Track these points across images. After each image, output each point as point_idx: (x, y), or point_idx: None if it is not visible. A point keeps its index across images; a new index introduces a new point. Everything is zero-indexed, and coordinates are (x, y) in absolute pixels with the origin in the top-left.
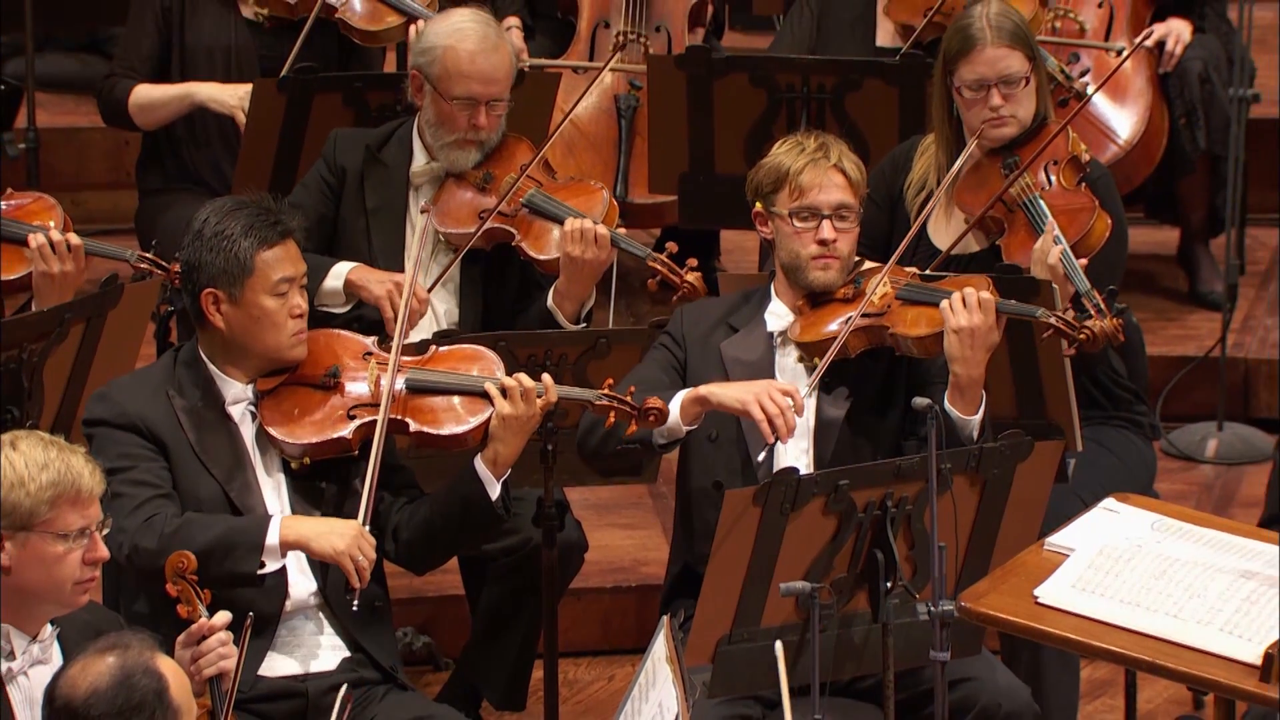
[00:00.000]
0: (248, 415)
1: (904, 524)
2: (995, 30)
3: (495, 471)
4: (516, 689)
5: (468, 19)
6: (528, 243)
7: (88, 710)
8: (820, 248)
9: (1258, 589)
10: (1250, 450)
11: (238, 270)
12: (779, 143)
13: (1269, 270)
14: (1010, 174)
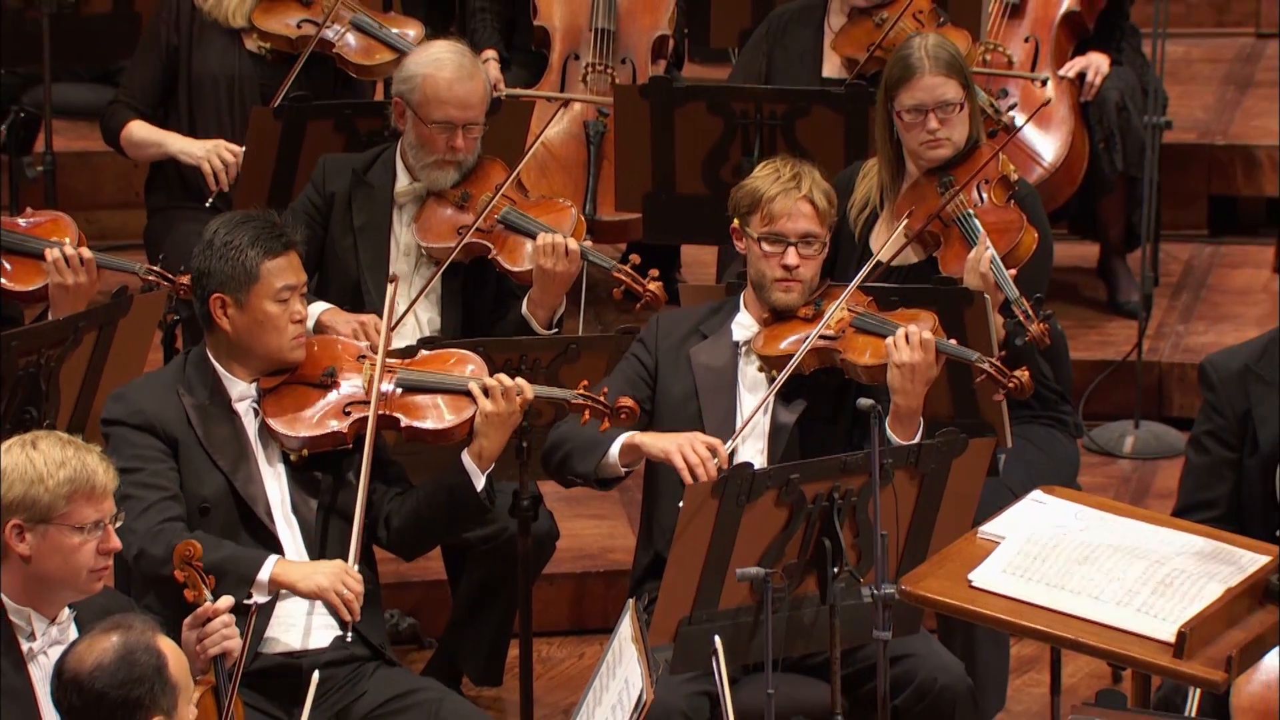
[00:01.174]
0: (251, 411)
1: (849, 514)
2: (933, 60)
3: (480, 465)
4: (494, 665)
5: (445, 50)
6: (503, 256)
7: (92, 682)
8: (784, 272)
9: (1171, 573)
10: (1164, 447)
11: (244, 278)
12: (761, 165)
13: (1180, 282)
14: (946, 192)
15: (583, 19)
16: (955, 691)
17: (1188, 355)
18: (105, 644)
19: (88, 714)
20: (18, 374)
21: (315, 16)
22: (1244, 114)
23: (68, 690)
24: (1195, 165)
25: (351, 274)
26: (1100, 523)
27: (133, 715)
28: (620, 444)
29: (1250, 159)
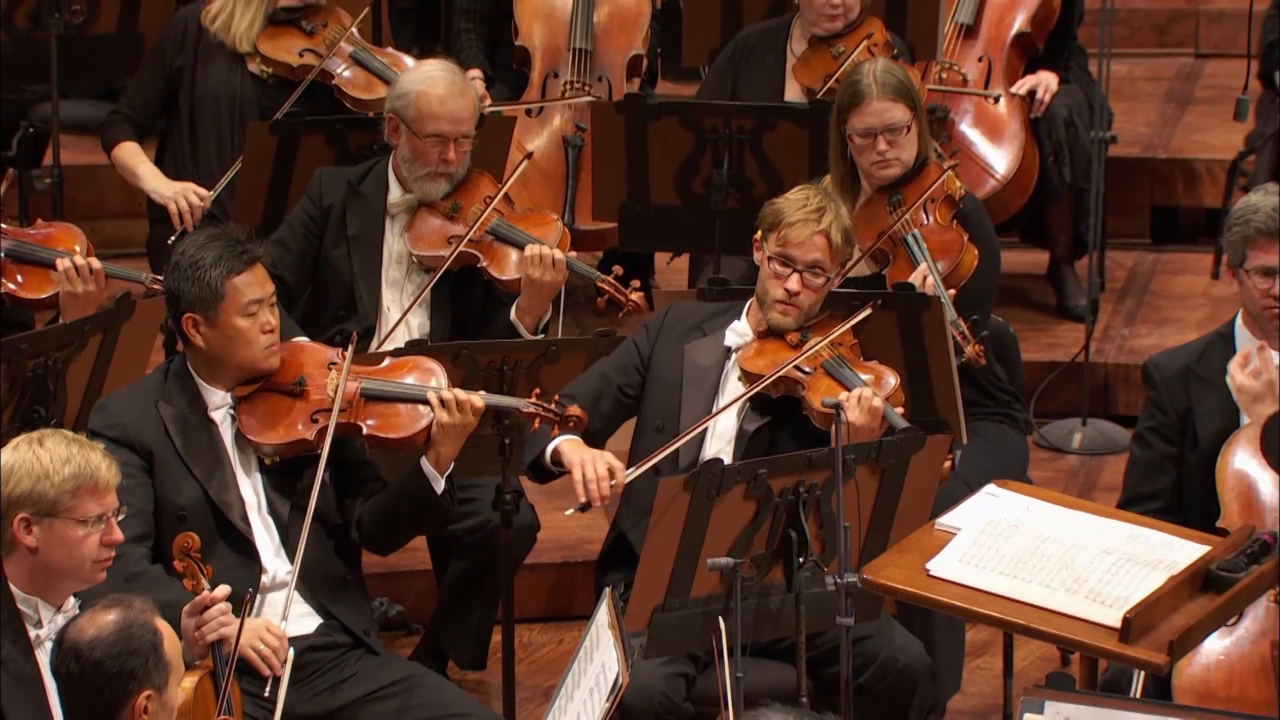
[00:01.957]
0: (228, 419)
1: (814, 507)
2: (880, 85)
3: (439, 469)
4: (478, 650)
5: (437, 69)
6: (491, 265)
7: (91, 651)
8: (785, 295)
9: (1117, 562)
10: (1110, 443)
11: (211, 297)
12: (797, 188)
13: (1125, 287)
14: (895, 210)
15: (561, 39)
16: (916, 670)
17: (1132, 356)
18: (106, 617)
19: (84, 681)
20: (27, 375)
21: (318, 47)
22: (1184, 129)
23: (66, 658)
24: (1139, 178)
25: (345, 281)
26: (1050, 515)
27: (125, 685)
28: (552, 447)
29: (1190, 172)
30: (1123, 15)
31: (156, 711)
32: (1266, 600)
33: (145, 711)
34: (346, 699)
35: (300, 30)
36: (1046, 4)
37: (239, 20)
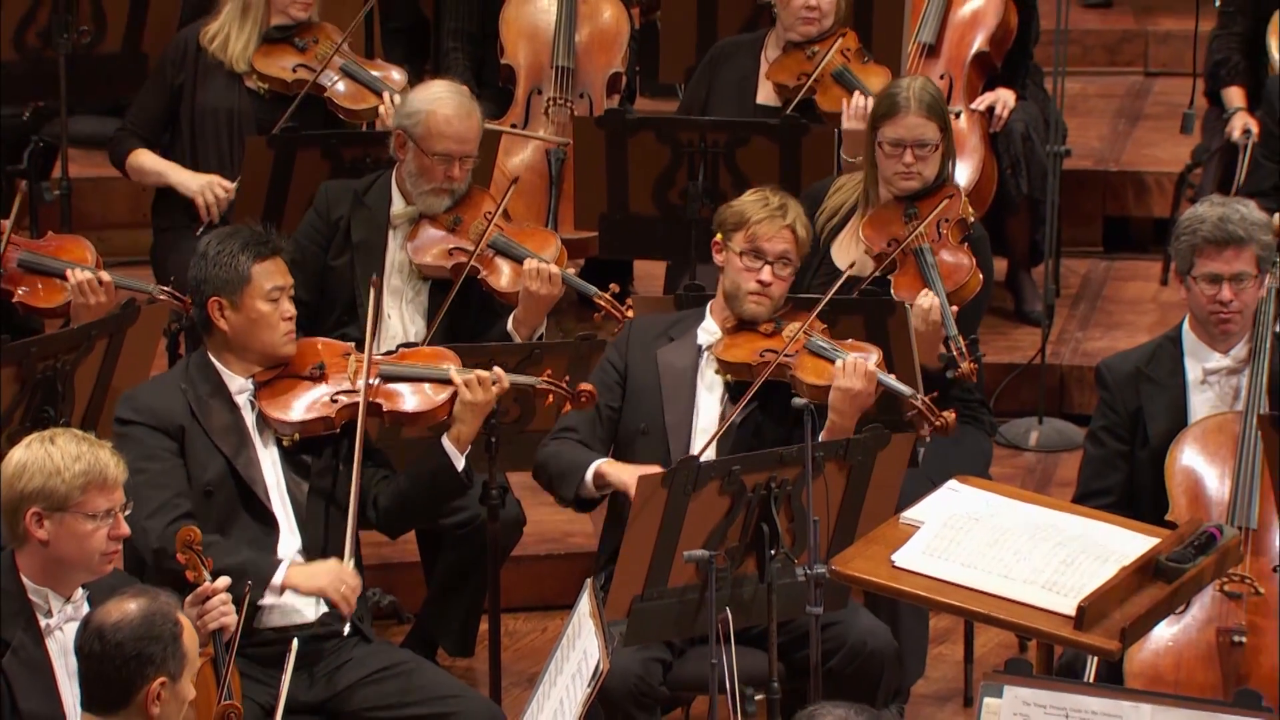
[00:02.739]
0: (249, 403)
1: (785, 502)
2: (918, 101)
3: (459, 447)
4: (466, 638)
5: (445, 90)
6: (490, 277)
7: (114, 633)
8: (759, 286)
9: (1072, 554)
10: (1065, 440)
11: (237, 280)
12: (750, 191)
13: (1079, 293)
14: (909, 221)
15: (545, 57)
16: (883, 654)
17: (1085, 359)
18: (132, 604)
19: (104, 660)
20: (37, 377)
21: (310, 62)
22: (1135, 143)
23: (90, 637)
24: (1092, 189)
25: (348, 289)
26: (1009, 509)
27: (143, 669)
28: (592, 471)
29: (1140, 184)
30: (1076, 36)
31: (169, 700)
32: (1212, 589)
33: (158, 698)
34: (342, 684)
35: (293, 47)
36: (1004, 25)
37: (235, 41)
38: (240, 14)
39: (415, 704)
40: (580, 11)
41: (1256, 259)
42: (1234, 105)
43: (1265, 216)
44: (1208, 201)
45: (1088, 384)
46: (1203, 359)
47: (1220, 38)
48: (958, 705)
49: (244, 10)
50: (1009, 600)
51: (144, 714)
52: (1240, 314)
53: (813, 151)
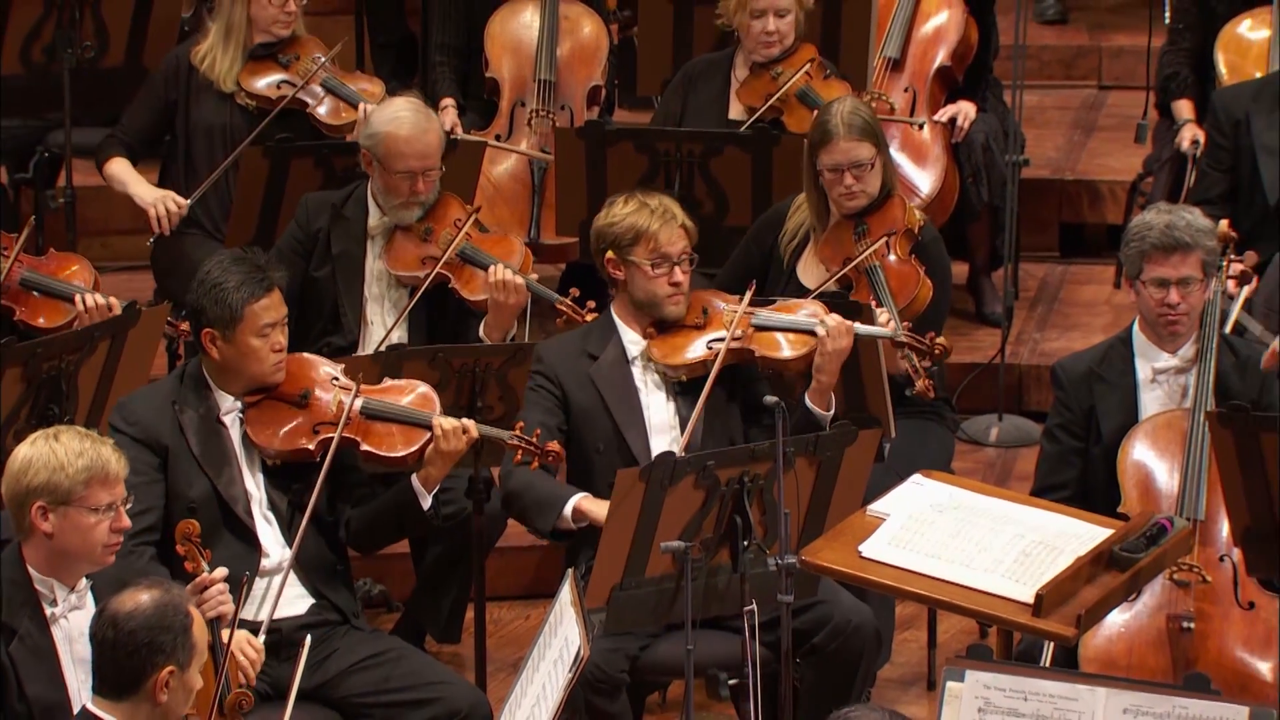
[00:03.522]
0: (237, 422)
1: (757, 495)
2: (847, 126)
3: (427, 488)
4: (453, 626)
5: (403, 108)
6: (460, 285)
7: (128, 621)
8: (673, 288)
9: (1030, 545)
10: (1024, 436)
11: (230, 318)
12: (620, 204)
13: (1036, 296)
14: (860, 239)
15: (528, 71)
16: (866, 631)
17: (1043, 359)
18: (147, 595)
19: (117, 647)
20: (42, 377)
21: (293, 78)
22: (1089, 154)
23: (105, 624)
24: (1048, 197)
25: (330, 299)
26: (970, 502)
27: (153, 657)
28: (572, 507)
29: (1095, 192)
30: (1033, 51)
31: (176, 689)
32: (1163, 578)
33: (166, 685)
34: (334, 670)
35: (277, 63)
36: (965, 40)
37: (220, 63)
38: (224, 36)
39: (403, 689)
40: (561, 27)
41: (1202, 264)
42: (1183, 117)
43: (1210, 223)
44: (1156, 209)
45: (1044, 383)
46: (1152, 359)
47: (1170, 53)
48: (921, 689)
49: (227, 32)
50: (970, 589)
51: (152, 701)
52: (1187, 316)
53: (783, 161)
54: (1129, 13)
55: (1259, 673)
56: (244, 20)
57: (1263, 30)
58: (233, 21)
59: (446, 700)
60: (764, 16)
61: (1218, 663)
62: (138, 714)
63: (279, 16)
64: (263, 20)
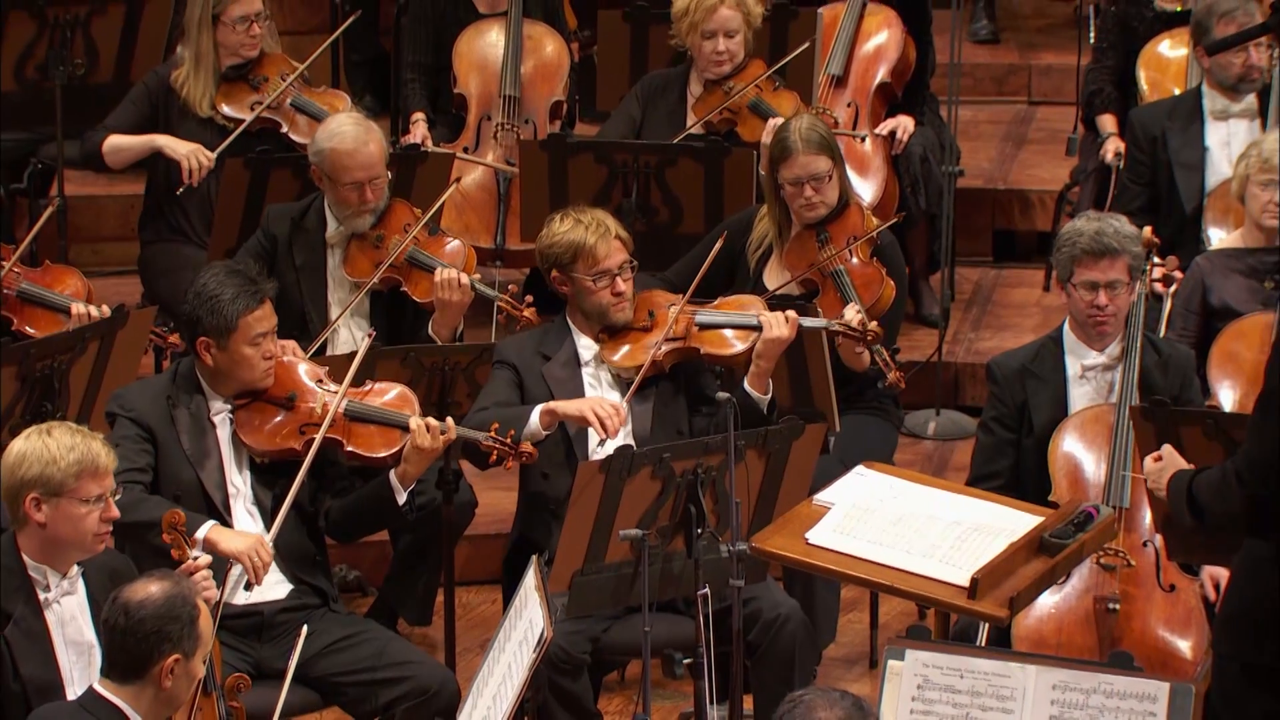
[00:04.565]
0: (226, 421)
1: (710, 486)
2: (805, 141)
3: (403, 484)
4: (424, 609)
5: (344, 123)
6: (410, 288)
7: (139, 609)
8: (616, 298)
9: (966, 531)
10: (960, 430)
11: (224, 328)
12: (557, 222)
13: (971, 298)
14: (823, 246)
15: (493, 87)
16: (794, 623)
17: (977, 356)
18: (158, 586)
19: (126, 634)
20: (35, 375)
21: (264, 98)
22: (1020, 165)
23: (117, 611)
24: (982, 205)
25: (296, 305)
26: (910, 491)
27: (160, 644)
28: (539, 412)
29: (1025, 200)
30: (968, 69)
31: (180, 676)
32: (1090, 562)
33: (171, 672)
34: (311, 651)
35: (248, 85)
36: (904, 58)
37: (194, 89)
38: (195, 64)
39: (377, 669)
40: (525, 46)
41: (1129, 268)
42: (1107, 131)
43: (1136, 230)
44: (1085, 216)
45: (979, 379)
46: (1081, 356)
47: (1095, 70)
48: (864, 667)
49: (197, 61)
50: (910, 573)
51: (157, 685)
52: (1114, 317)
53: (733, 171)
54: (1056, 33)
55: (1179, 651)
56: (211, 48)
57: (1181, 49)
58: (201, 50)
59: (417, 679)
60: (715, 37)
61: (1141, 641)
62: (142, 697)
63: (245, 40)
64: (230, 45)
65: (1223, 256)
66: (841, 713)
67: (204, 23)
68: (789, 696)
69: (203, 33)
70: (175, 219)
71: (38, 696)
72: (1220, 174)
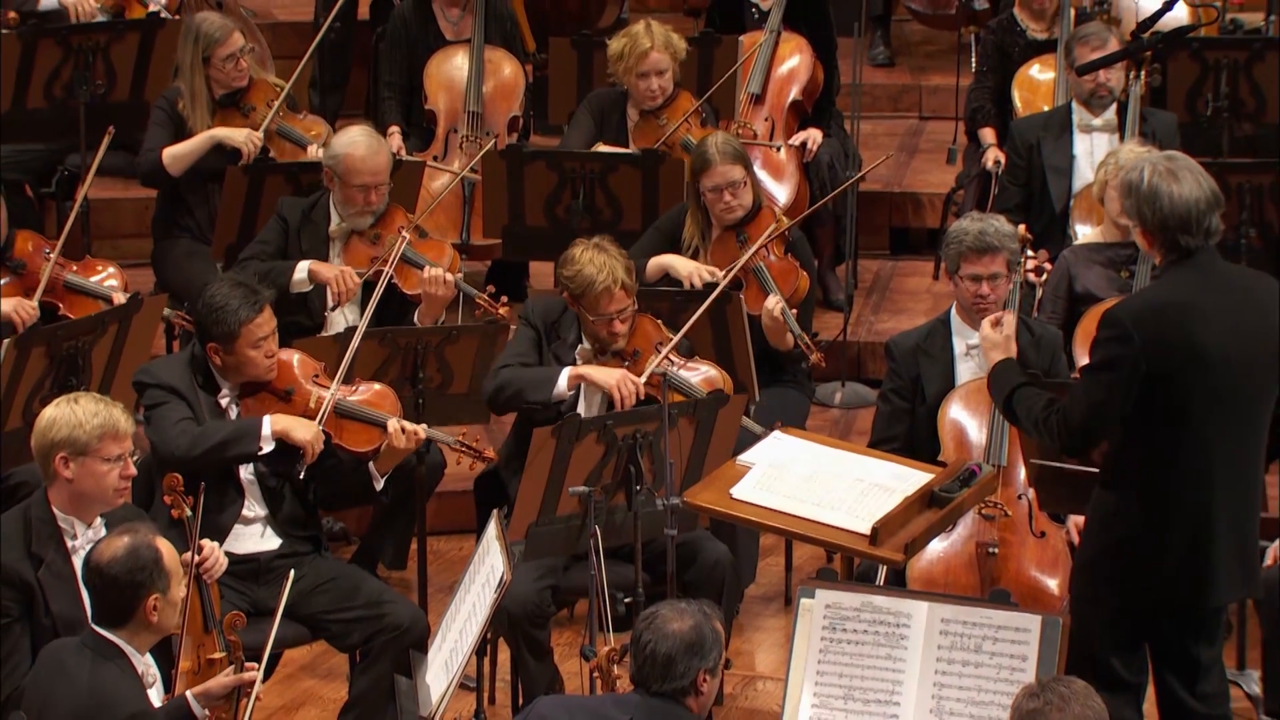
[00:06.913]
0: (233, 407)
1: (648, 449)
2: (721, 154)
3: (380, 473)
4: (400, 555)
5: (359, 134)
6: (400, 281)
7: (109, 568)
8: (610, 335)
9: (868, 487)
10: (862, 400)
11: (229, 336)
12: (579, 250)
13: (872, 286)
14: (742, 245)
15: (459, 104)
16: (724, 566)
17: (877, 336)
18: (119, 543)
19: (105, 590)
20: (62, 354)
21: (253, 126)
22: (912, 171)
23: (92, 574)
24: (880, 206)
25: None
26: (820, 453)
27: (137, 592)
28: (568, 376)
29: (917, 202)
30: (868, 88)
31: (164, 608)
32: (973, 513)
33: (154, 608)
34: (301, 590)
35: (239, 112)
36: (813, 80)
37: (194, 119)
38: (191, 99)
39: (358, 606)
40: (486, 69)
41: (1007, 262)
42: (987, 142)
43: (1013, 228)
44: (969, 217)
45: (879, 356)
46: (966, 336)
47: (976, 90)
48: (780, 604)
49: (193, 97)
50: (819, 523)
51: (146, 622)
52: (995, 303)
53: (667, 176)
54: (943, 58)
55: (1049, 588)
56: (204, 85)
57: (1049, 72)
58: (196, 89)
59: (391, 616)
60: (647, 77)
61: (1016, 580)
62: (136, 634)
63: (233, 74)
64: (221, 80)
65: (1086, 250)
66: (691, 620)
67: (195, 65)
68: (643, 613)
69: (195, 74)
70: (183, 219)
71: (65, 630)
72: (1085, 179)
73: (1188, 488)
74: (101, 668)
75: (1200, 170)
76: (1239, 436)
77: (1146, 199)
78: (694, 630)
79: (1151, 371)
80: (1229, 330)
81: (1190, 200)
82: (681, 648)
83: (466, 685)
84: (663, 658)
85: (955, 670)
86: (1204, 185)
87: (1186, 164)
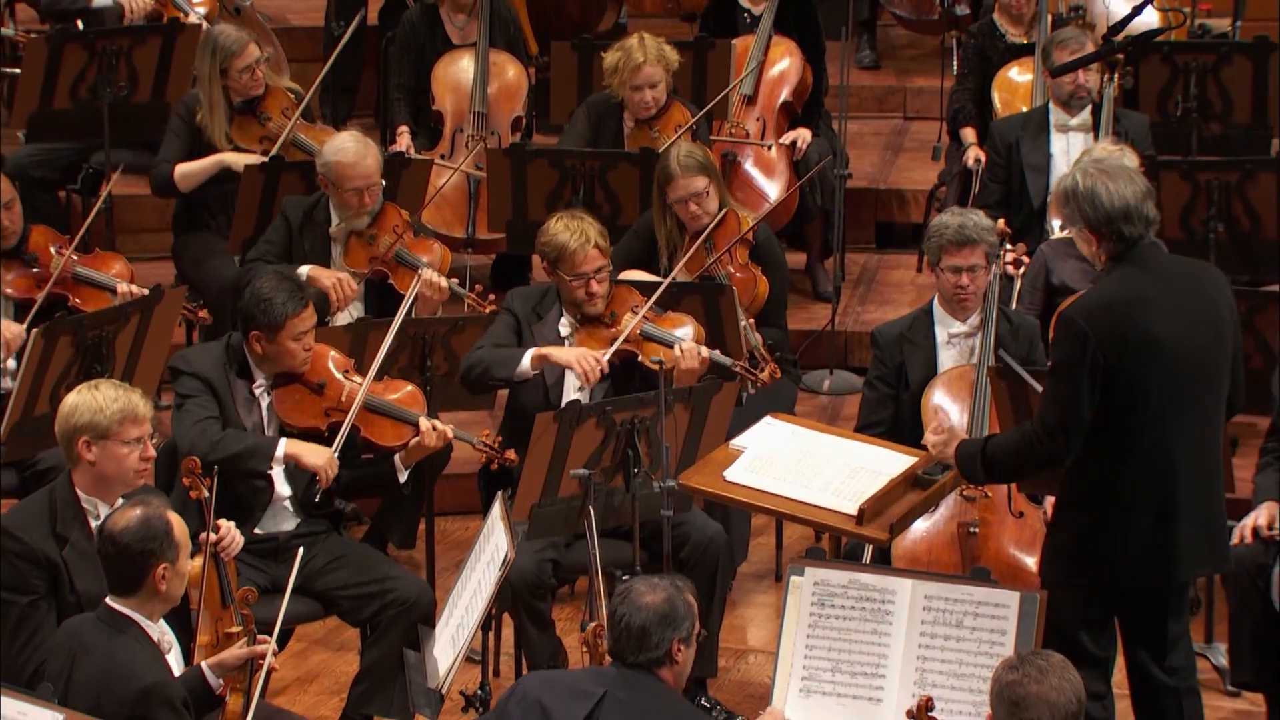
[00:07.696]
0: (265, 395)
1: (645, 433)
2: (684, 167)
3: (405, 465)
4: (409, 535)
5: (346, 140)
6: (395, 281)
7: (122, 535)
8: (588, 296)
9: (854, 470)
10: (849, 386)
11: (274, 326)
12: (554, 222)
13: (859, 278)
14: (710, 253)
15: (465, 105)
16: (718, 545)
17: (863, 326)
18: (131, 513)
19: (116, 559)
20: (87, 343)
21: (270, 134)
22: (897, 169)
23: (105, 542)
24: (867, 202)
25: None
26: (809, 437)
27: (147, 561)
28: (531, 356)
29: (902, 198)
30: (855, 90)
31: (172, 578)
32: (955, 494)
33: (164, 578)
34: (314, 568)
35: (256, 121)
36: (803, 82)
37: (212, 127)
38: (210, 109)
39: (368, 582)
40: (491, 71)
41: (986, 254)
42: (968, 141)
43: (992, 222)
44: (950, 212)
45: (865, 345)
46: (948, 326)
47: (958, 92)
48: (771, 581)
49: (211, 107)
50: (809, 504)
51: (155, 592)
52: (975, 294)
53: None
54: (926, 61)
55: (1027, 566)
56: (222, 95)
57: (1027, 74)
58: (214, 99)
59: (399, 591)
60: (641, 89)
61: (996, 559)
62: (146, 603)
63: (250, 83)
64: (238, 89)
65: (1062, 244)
66: (663, 593)
67: (213, 77)
68: (618, 589)
69: (213, 84)
70: (202, 215)
71: (90, 606)
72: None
73: (1150, 471)
74: (117, 641)
75: (1129, 167)
76: (1196, 419)
77: (1086, 199)
78: (666, 602)
79: (1109, 363)
80: (1179, 319)
81: (1127, 193)
82: (655, 619)
83: (472, 658)
84: (637, 629)
85: (938, 644)
86: (1136, 179)
87: (1115, 163)
